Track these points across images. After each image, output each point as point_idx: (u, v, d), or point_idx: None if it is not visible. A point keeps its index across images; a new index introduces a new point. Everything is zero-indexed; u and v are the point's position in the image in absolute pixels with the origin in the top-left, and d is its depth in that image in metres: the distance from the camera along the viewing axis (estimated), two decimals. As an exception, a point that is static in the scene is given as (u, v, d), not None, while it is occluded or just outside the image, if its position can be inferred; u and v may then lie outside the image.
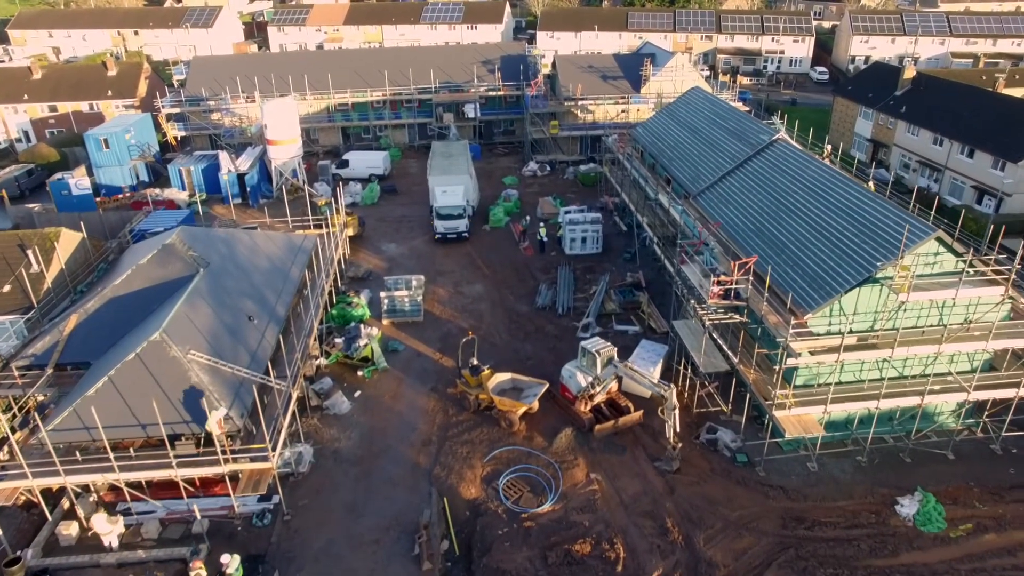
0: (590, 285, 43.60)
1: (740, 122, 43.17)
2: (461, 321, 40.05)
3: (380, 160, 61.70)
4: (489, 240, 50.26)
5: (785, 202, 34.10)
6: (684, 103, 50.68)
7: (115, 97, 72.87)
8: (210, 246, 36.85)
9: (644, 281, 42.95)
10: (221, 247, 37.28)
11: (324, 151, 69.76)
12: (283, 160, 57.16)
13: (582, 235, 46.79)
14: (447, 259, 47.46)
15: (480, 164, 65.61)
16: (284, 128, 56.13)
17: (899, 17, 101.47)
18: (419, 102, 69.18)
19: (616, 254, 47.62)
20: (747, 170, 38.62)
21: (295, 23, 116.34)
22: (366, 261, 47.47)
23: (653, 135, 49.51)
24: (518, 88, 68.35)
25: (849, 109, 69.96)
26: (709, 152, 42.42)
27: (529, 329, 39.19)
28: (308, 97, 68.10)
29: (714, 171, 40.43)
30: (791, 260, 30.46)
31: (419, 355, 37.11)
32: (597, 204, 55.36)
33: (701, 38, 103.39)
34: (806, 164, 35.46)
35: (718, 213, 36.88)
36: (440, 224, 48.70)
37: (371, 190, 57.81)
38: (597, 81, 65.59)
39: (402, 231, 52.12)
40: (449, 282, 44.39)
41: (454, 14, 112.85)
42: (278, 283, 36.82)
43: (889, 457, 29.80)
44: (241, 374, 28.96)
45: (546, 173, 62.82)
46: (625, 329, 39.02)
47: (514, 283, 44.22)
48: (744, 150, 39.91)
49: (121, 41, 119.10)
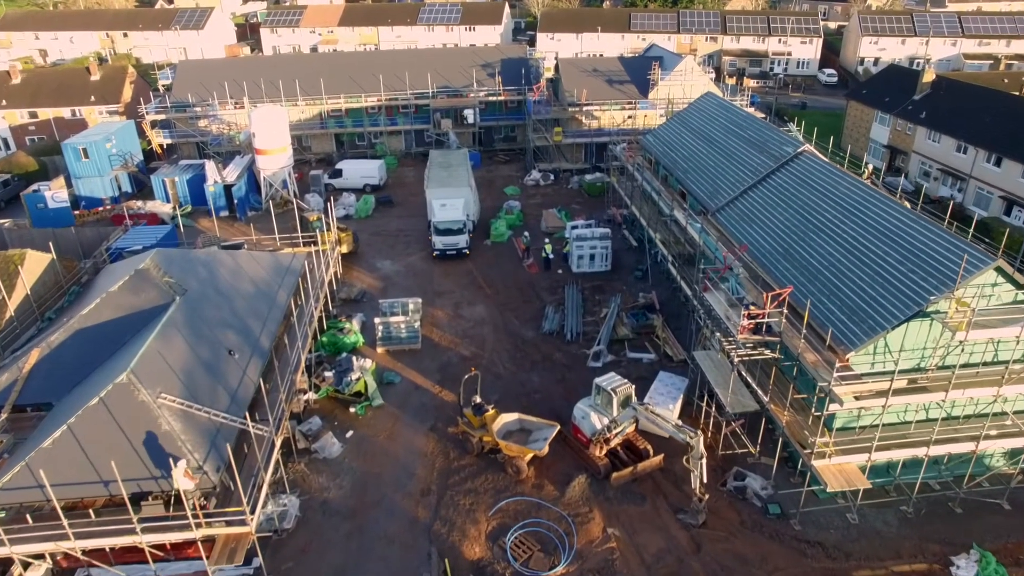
0: (600, 307, 40.71)
1: (760, 132, 40.28)
2: (462, 348, 37.13)
3: (375, 169, 58.72)
4: (491, 256, 47.32)
5: (815, 221, 31.20)
6: (697, 110, 47.79)
7: (99, 103, 69.80)
8: (188, 270, 33.89)
9: (658, 302, 40.08)
10: (201, 271, 34.30)
11: (317, 159, 66.78)
12: (272, 171, 54.17)
13: (590, 252, 43.87)
14: (446, 278, 44.52)
15: (480, 172, 62.64)
16: (273, 136, 53.13)
17: (909, 17, 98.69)
18: (416, 107, 66.23)
19: (626, 272, 44.72)
20: (770, 185, 35.74)
21: (288, 24, 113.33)
22: (360, 280, 44.52)
23: (665, 144, 46.62)
24: (519, 93, 65.42)
25: (864, 114, 67.13)
26: (727, 164, 39.53)
27: (536, 357, 36.27)
28: (300, 103, 65.12)
29: (734, 185, 37.55)
30: (827, 288, 27.57)
31: (417, 388, 34.16)
32: (604, 216, 52.46)
33: (706, 39, 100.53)
34: (837, 180, 32.58)
35: (741, 233, 33.98)
36: (439, 240, 45.75)
37: (365, 202, 54.83)
38: (602, 85, 62.70)
39: (398, 246, 49.16)
40: (449, 304, 41.45)
41: (452, 15, 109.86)
42: (263, 310, 33.85)
43: (937, 507, 26.93)
44: (218, 419, 26.02)
45: (549, 182, 59.92)
46: (639, 357, 36.12)
47: (518, 304, 41.30)
48: (766, 163, 37.02)
49: (110, 43, 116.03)
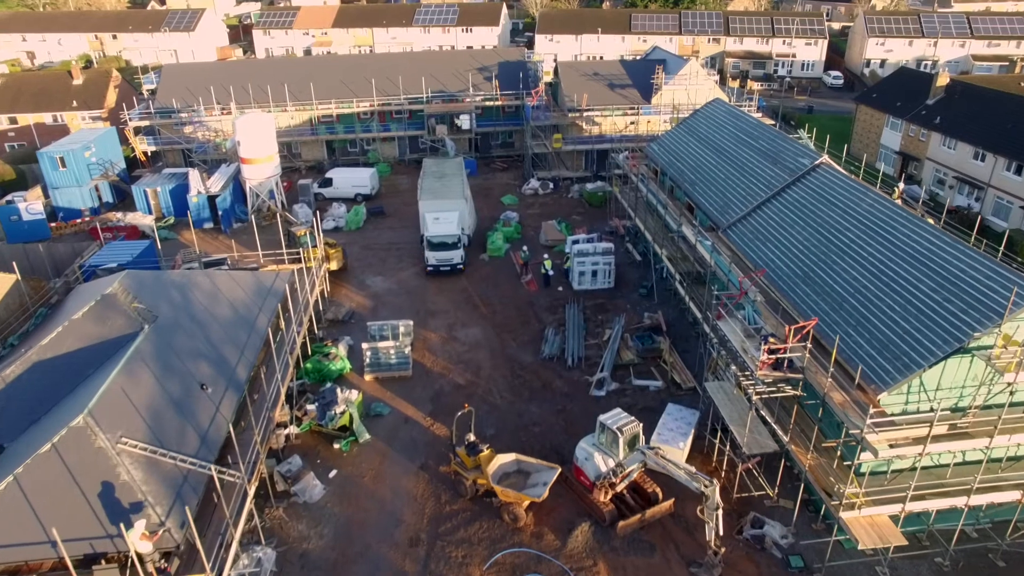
0: (602, 327, 38.32)
1: (772, 142, 37.91)
2: (456, 375, 34.72)
3: (367, 178, 56.31)
4: (487, 272, 44.92)
5: (836, 242, 28.83)
6: (704, 117, 45.41)
7: (81, 108, 67.39)
8: (160, 294, 31.51)
9: (664, 323, 37.69)
10: (174, 294, 31.91)
11: (307, 167, 64.36)
12: (258, 180, 51.71)
13: (592, 268, 41.47)
14: (440, 296, 42.12)
15: (476, 181, 60.27)
16: (259, 145, 50.67)
17: (916, 18, 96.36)
18: (410, 113, 63.81)
19: (630, 288, 42.34)
20: (786, 200, 33.36)
21: (281, 26, 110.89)
22: (349, 299, 42.09)
23: (671, 154, 44.23)
24: (517, 97, 63.04)
25: (874, 119, 64.80)
26: (738, 177, 37.16)
27: (535, 385, 33.87)
28: (289, 108, 62.71)
29: (746, 200, 35.18)
30: (853, 318, 25.19)
31: (407, 420, 31.74)
32: (606, 228, 50.07)
33: (708, 41, 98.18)
34: (859, 196, 30.20)
35: (755, 252, 31.59)
36: (432, 256, 43.34)
37: (356, 213, 52.40)
38: (603, 90, 60.32)
39: (390, 261, 46.73)
40: (442, 325, 39.04)
41: (448, 16, 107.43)
42: (241, 336, 31.44)
43: (976, 559, 24.55)
44: (185, 465, 23.62)
45: (548, 191, 57.52)
46: (646, 384, 33.72)
47: (516, 325, 38.90)
48: (781, 176, 34.65)
49: (99, 45, 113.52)
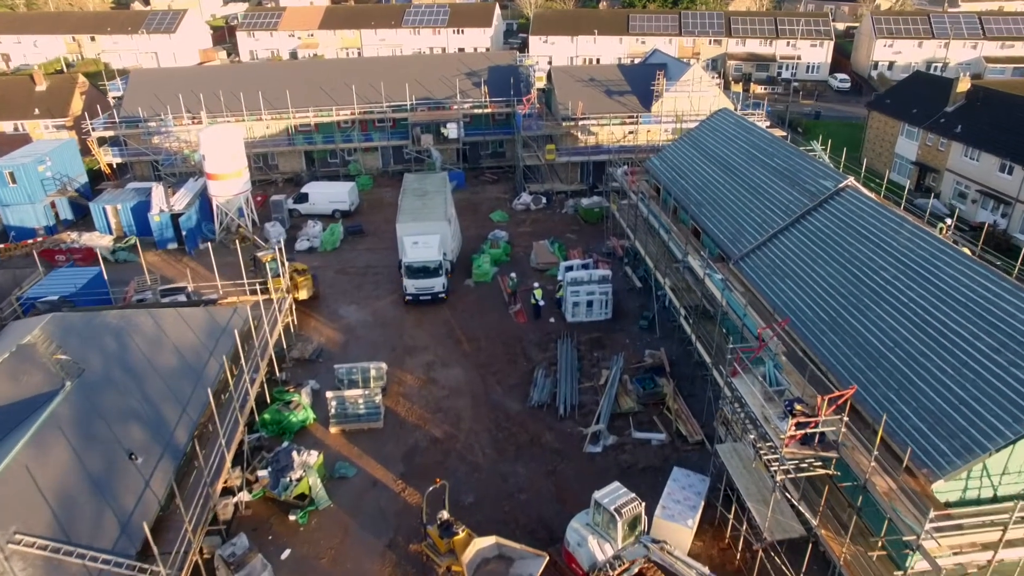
0: (598, 366, 34.36)
1: (788, 159, 33.95)
2: (433, 427, 30.71)
3: (345, 193, 52.25)
4: (472, 300, 40.92)
5: (869, 282, 24.88)
6: (710, 129, 41.45)
7: (44, 116, 63.31)
8: (91, 340, 27.47)
9: (668, 362, 33.75)
10: (108, 341, 27.88)
11: (284, 179, 60.31)
12: (226, 198, 47.67)
13: (587, 298, 37.50)
14: (419, 329, 38.12)
15: (464, 195, 56.28)
16: (226, 159, 46.65)
17: (926, 18, 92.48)
18: (393, 121, 59.79)
19: (629, 320, 38.37)
20: (806, 229, 29.40)
21: (266, 28, 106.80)
22: (318, 332, 38.08)
23: (673, 169, 40.26)
24: (508, 105, 59.04)
25: (888, 126, 60.90)
26: (751, 199, 33.20)
27: (521, 440, 29.87)
28: (264, 116, 58.66)
29: (760, 227, 31.21)
30: (895, 379, 21.24)
31: (375, 484, 27.72)
32: (603, 248, 46.12)
33: (709, 42, 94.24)
34: (894, 227, 26.25)
35: (773, 291, 27.63)
36: (410, 283, 39.33)
37: (332, 232, 48.34)
38: (600, 97, 56.33)
39: (366, 287, 42.70)
40: (420, 364, 35.03)
41: (439, 17, 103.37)
42: (185, 389, 27.42)
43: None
44: (97, 565, 19.62)
45: (541, 206, 53.51)
46: (648, 438, 29.73)
47: (502, 364, 34.90)
48: (800, 200, 30.68)
49: (77, 48, 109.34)
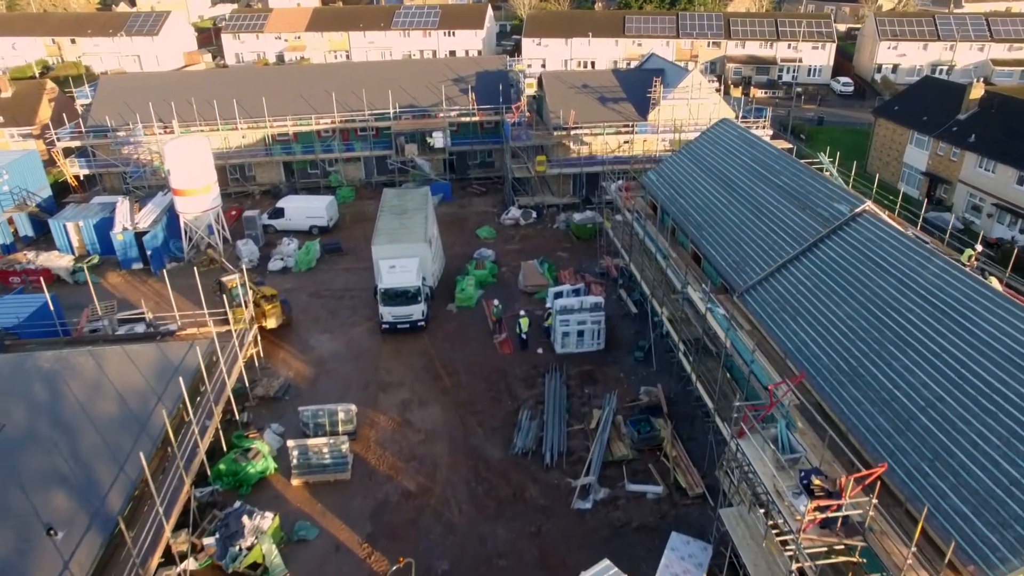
0: (589, 405, 31.44)
1: (797, 178, 31.02)
2: (406, 478, 27.74)
3: (323, 208, 49.22)
4: (454, 328, 37.94)
5: (893, 325, 21.96)
6: (711, 142, 38.51)
7: (9, 124, 60.22)
8: (19, 388, 24.57)
9: (665, 401, 30.84)
10: (38, 388, 24.94)
11: (261, 191, 57.30)
12: (193, 214, 44.65)
13: (578, 328, 34.55)
14: (396, 361, 35.14)
15: (450, 208, 53.35)
16: (194, 174, 43.60)
17: (931, 20, 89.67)
18: (376, 130, 56.80)
19: (624, 350, 35.44)
20: (819, 259, 26.47)
21: (252, 30, 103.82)
22: (286, 365, 35.09)
23: (672, 186, 37.32)
24: (497, 112, 56.09)
25: (896, 134, 58.05)
26: (756, 222, 30.27)
27: (503, 493, 26.92)
28: (240, 125, 55.65)
29: (767, 254, 28.28)
30: (928, 446, 18.33)
31: (339, 548, 24.72)
32: (596, 269, 43.20)
33: (708, 45, 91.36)
34: (919, 261, 23.33)
35: (783, 331, 24.70)
36: (387, 311, 36.35)
37: (307, 251, 45.33)
38: (594, 104, 53.37)
39: (341, 313, 39.72)
40: (394, 403, 32.06)
41: (429, 19, 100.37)
42: (126, 441, 24.43)
43: None
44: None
45: (531, 221, 50.53)
46: (643, 491, 26.81)
47: (485, 403, 31.94)
48: (811, 226, 27.76)
49: (57, 51, 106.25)
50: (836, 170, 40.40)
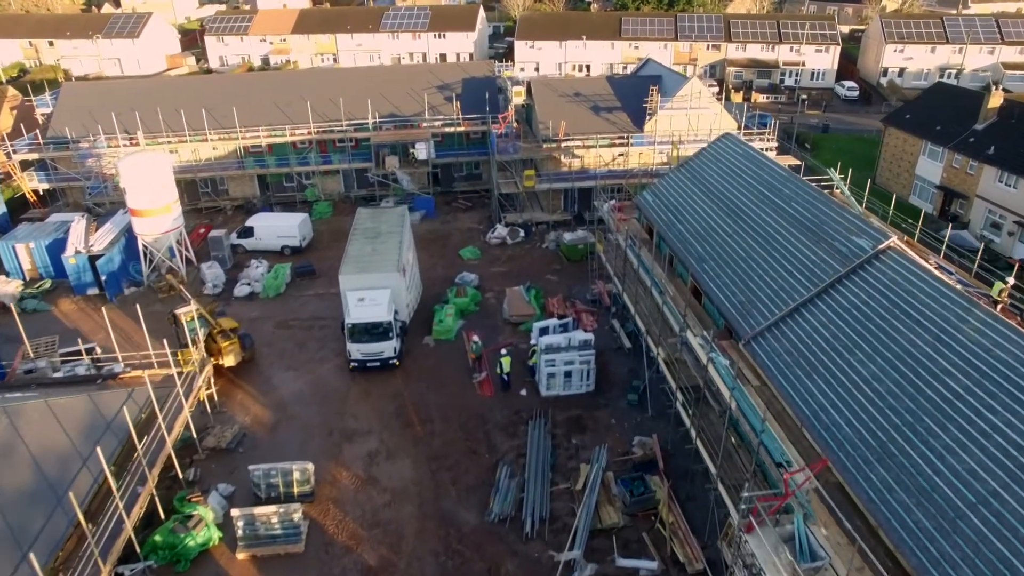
0: (577, 457, 28.14)
1: (810, 205, 27.65)
2: (366, 550, 24.40)
3: (295, 227, 45.81)
4: (431, 364, 34.57)
5: (931, 392, 18.62)
6: (713, 159, 35.15)
7: (-33, 135, 56.78)
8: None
9: (662, 455, 27.52)
10: (-65, 458, 21.53)
11: (234, 206, 53.90)
12: (152, 236, 41.27)
13: (566, 368, 31.20)
14: (364, 404, 31.79)
15: (433, 225, 50.02)
16: (152, 193, 40.23)
17: (939, 22, 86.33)
18: (356, 141, 53.41)
19: (616, 390, 32.11)
20: (837, 303, 23.12)
21: (236, 32, 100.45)
22: (244, 409, 31.71)
23: (669, 209, 33.95)
24: (483, 122, 52.73)
25: (907, 144, 54.71)
26: (764, 256, 26.92)
27: (476, 570, 23.56)
28: (211, 137, 52.26)
29: (777, 295, 24.94)
30: (984, 557, 14.99)
31: (282, 641, 21.47)
32: (587, 296, 39.86)
33: (707, 47, 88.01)
34: (960, 311, 20.00)
35: (797, 391, 21.33)
36: (355, 348, 32.99)
37: (276, 275, 41.93)
38: (586, 114, 50.02)
39: (309, 347, 36.35)
40: (360, 456, 28.71)
41: (419, 21, 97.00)
42: (37, 519, 21.08)
43: None
44: None
45: (518, 240, 47.13)
46: (636, 567, 23.51)
47: (460, 456, 28.60)
48: (828, 264, 24.42)
49: (34, 53, 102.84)
50: (848, 187, 37.02)
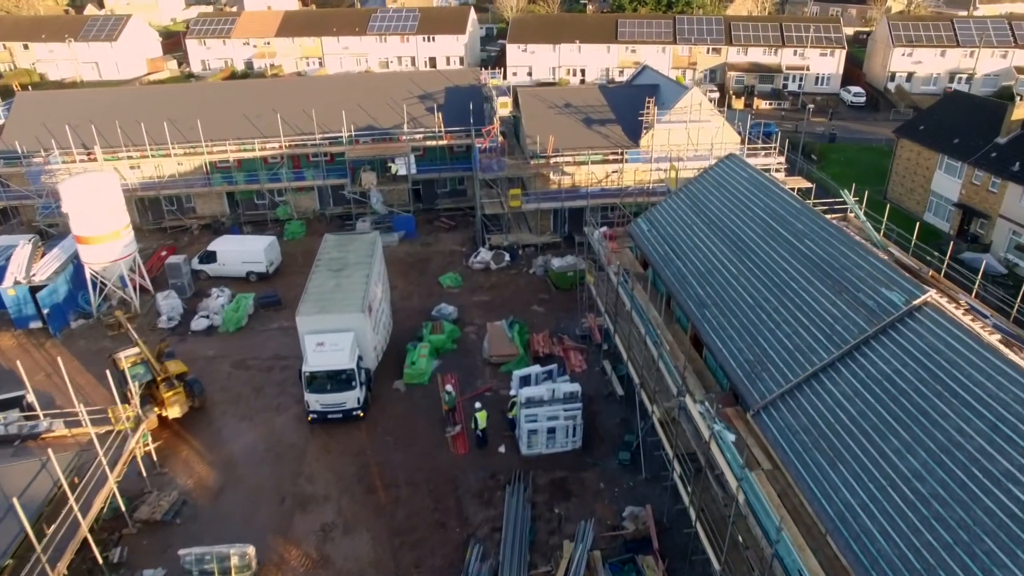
0: (560, 531, 24.59)
1: (828, 244, 24.03)
2: (310, 657, 20.88)
3: (261, 251, 42.14)
4: (401, 413, 30.98)
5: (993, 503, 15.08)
6: (715, 184, 31.55)
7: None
8: None
9: (656, 531, 23.95)
10: None
11: (201, 225, 50.24)
12: (101, 265, 37.68)
13: (549, 423, 27.63)
14: (322, 463, 28.21)
15: (412, 247, 46.50)
16: (98, 218, 36.65)
17: (949, 24, 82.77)
18: (331, 155, 49.79)
19: (606, 446, 28.56)
20: (865, 371, 19.52)
21: (219, 35, 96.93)
22: (187, 470, 28.12)
23: (666, 241, 30.34)
24: (467, 135, 49.14)
25: (921, 158, 51.13)
26: (776, 305, 23.34)
27: None
28: (176, 151, 48.62)
29: (792, 356, 21.34)
30: None
31: None
32: (576, 331, 36.31)
33: (707, 51, 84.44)
34: (1018, 389, 16.45)
35: (819, 487, 17.73)
36: (313, 399, 29.41)
37: (238, 307, 38.29)
38: (577, 127, 46.39)
39: (267, 391, 32.75)
40: (312, 530, 25.11)
41: (407, 23, 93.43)
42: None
43: None
44: None
45: (503, 265, 43.53)
46: None
47: (427, 530, 25.01)
48: (852, 320, 20.82)
49: (9, 57, 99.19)
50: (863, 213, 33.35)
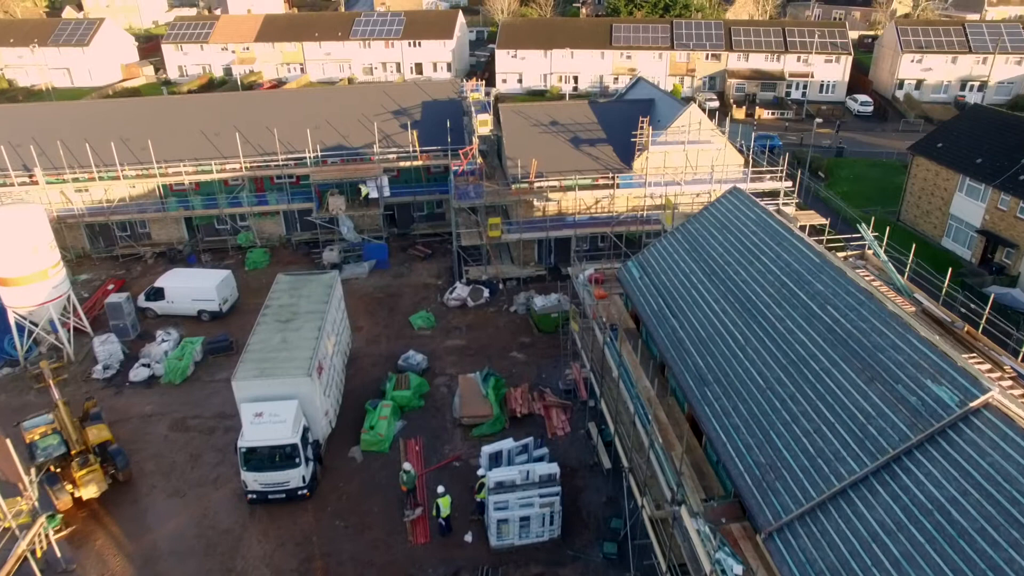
0: (536, 654, 20.52)
1: (858, 315, 19.86)
2: None
3: (213, 288, 37.89)
4: (355, 491, 26.84)
5: None
6: (717, 224, 27.40)
7: None
8: None
9: (650, 657, 19.88)
10: None
11: (156, 253, 46.06)
12: (27, 308, 33.54)
13: (523, 512, 23.51)
14: (256, 555, 24.04)
15: (383, 279, 42.39)
16: (20, 257, 32.50)
17: (961, 29, 78.74)
18: (296, 177, 45.66)
19: (589, 533, 24.49)
20: (908, 491, 15.40)
21: (196, 40, 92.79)
22: (99, 565, 23.96)
23: (660, 293, 26.22)
24: (445, 155, 45.04)
25: (940, 178, 47.10)
26: (793, 391, 19.18)
27: None
28: (128, 173, 44.46)
29: (814, 463, 17.19)
30: None
31: None
32: (560, 384, 32.21)
33: (706, 57, 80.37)
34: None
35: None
36: (251, 478, 25.29)
37: (183, 354, 34.10)
38: (564, 148, 42.31)
39: (205, 459, 28.59)
40: (236, 654, 21.07)
41: (392, 28, 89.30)
42: None
43: None
44: None
45: (482, 301, 39.39)
46: None
47: (375, 653, 20.98)
48: (892, 421, 16.69)
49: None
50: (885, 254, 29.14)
